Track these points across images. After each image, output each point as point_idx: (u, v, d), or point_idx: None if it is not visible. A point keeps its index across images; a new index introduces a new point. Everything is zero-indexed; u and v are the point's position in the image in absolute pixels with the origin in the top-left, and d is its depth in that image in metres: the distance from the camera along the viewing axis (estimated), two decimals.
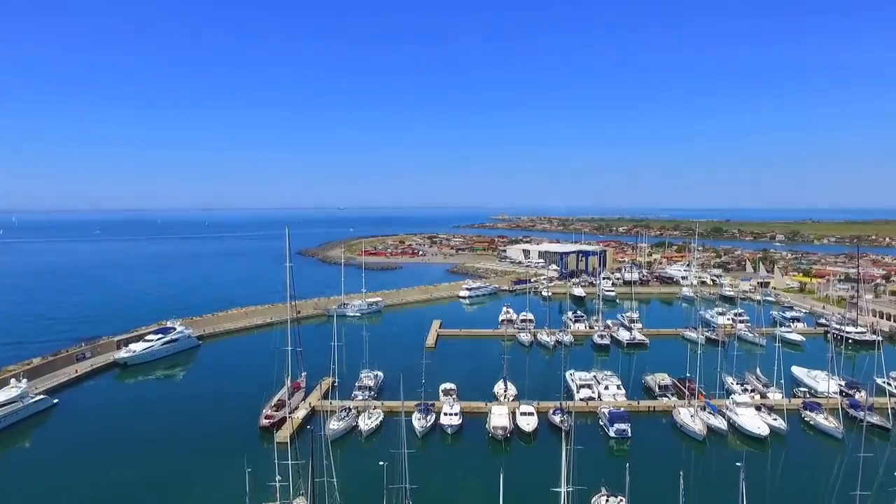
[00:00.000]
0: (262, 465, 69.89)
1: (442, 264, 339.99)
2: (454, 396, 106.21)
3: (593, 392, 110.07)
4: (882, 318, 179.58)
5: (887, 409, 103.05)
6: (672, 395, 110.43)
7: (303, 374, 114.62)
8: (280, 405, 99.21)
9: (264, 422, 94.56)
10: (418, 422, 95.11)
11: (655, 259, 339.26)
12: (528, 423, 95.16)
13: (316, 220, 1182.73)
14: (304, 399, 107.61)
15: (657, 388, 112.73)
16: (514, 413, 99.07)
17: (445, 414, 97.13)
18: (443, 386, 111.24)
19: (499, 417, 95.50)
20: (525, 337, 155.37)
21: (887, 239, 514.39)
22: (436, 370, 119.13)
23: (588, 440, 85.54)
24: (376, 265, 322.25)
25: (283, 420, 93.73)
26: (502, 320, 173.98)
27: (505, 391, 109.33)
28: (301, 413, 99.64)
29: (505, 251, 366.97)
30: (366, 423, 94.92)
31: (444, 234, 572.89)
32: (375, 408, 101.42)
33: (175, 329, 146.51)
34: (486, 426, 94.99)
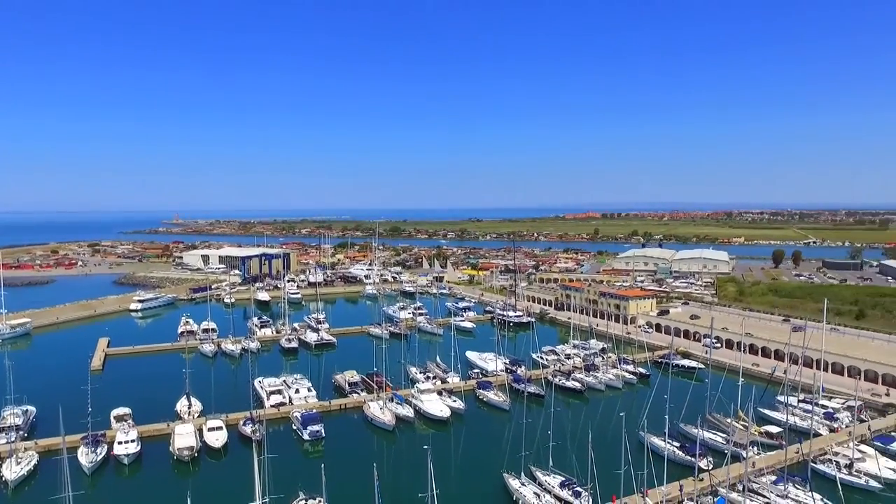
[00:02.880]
0: None
1: (108, 275, 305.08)
2: (129, 422, 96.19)
3: (284, 397, 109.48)
4: (534, 302, 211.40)
5: (542, 379, 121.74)
6: (362, 390, 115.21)
7: None
8: None
9: None
10: (86, 457, 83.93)
11: (339, 259, 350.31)
12: (218, 439, 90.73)
13: None
14: None
15: (347, 386, 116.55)
16: (201, 430, 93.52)
17: (119, 443, 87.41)
18: (115, 412, 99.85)
19: (184, 437, 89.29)
20: (208, 347, 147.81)
21: (536, 234, 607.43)
22: (105, 395, 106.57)
23: (282, 447, 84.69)
24: (21, 280, 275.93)
25: None
26: (181, 332, 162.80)
27: (189, 408, 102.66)
28: None
29: (181, 258, 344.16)
30: (13, 471, 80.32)
31: (108, 241, 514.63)
32: (26, 449, 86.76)
33: None
34: (171, 449, 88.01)
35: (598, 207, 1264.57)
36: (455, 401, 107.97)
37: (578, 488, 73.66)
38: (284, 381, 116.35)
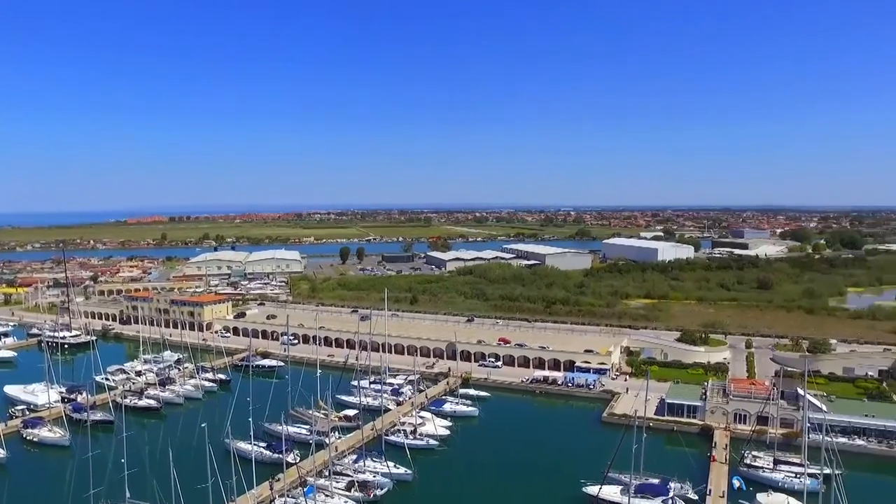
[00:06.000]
0: None
1: None
2: None
3: None
4: (95, 317, 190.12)
5: (109, 403, 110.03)
6: None
7: None
8: None
9: None
10: None
11: None
12: None
13: None
14: None
15: None
16: None
17: None
18: None
19: None
20: None
21: (92, 241, 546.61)
22: None
23: None
24: None
25: None
26: None
27: None
28: None
29: None
30: None
31: None
32: None
33: None
34: None
35: (164, 211, 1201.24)
36: None
37: None
38: None
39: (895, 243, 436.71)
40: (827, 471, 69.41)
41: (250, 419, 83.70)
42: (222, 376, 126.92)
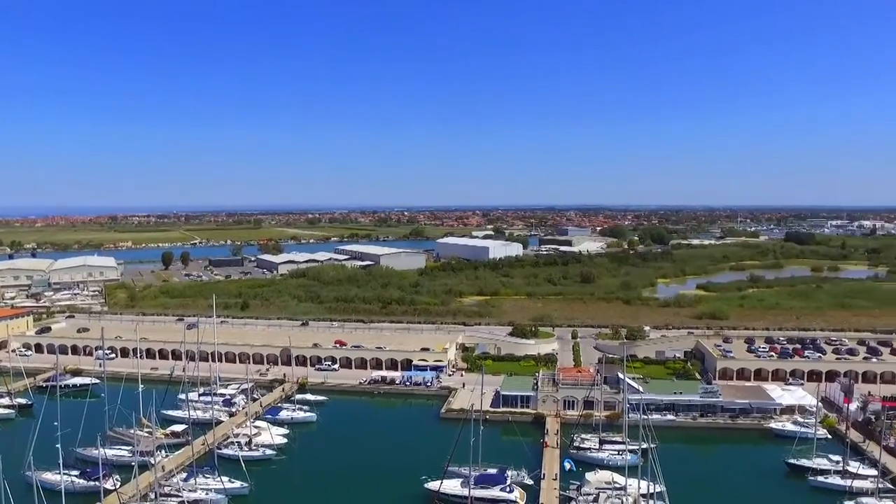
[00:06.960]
0: None
1: None
2: None
3: None
4: None
5: None
6: None
7: None
8: None
9: None
10: None
11: None
12: None
13: None
14: None
15: None
16: None
17: None
18: None
19: None
20: None
21: None
22: None
23: None
24: None
25: None
26: None
27: None
28: None
29: None
30: None
31: None
32: None
33: None
34: None
35: None
36: None
37: None
38: None
39: (696, 239, 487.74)
40: (644, 446, 76.02)
41: (58, 445, 75.74)
42: (22, 400, 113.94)
